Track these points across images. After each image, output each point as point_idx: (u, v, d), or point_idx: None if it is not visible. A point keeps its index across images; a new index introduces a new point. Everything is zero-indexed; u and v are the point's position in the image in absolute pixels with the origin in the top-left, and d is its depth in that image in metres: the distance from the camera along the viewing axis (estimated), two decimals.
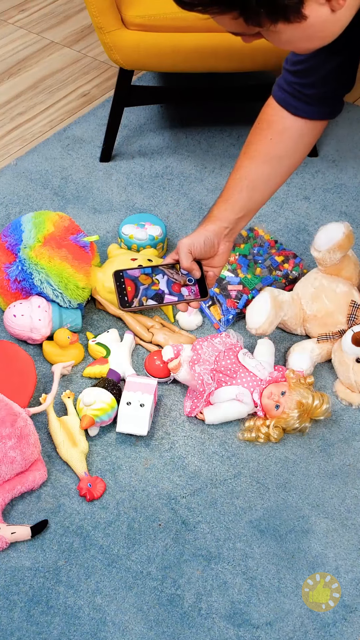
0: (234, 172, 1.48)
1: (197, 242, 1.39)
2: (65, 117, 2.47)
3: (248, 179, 1.46)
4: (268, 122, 1.48)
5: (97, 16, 1.99)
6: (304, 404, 1.60)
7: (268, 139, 1.47)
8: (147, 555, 1.47)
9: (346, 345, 1.70)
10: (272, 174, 1.48)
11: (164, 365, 1.70)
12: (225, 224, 1.44)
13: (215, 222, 1.43)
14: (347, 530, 1.52)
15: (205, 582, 1.44)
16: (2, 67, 2.68)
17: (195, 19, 2.00)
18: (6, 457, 1.49)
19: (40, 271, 1.74)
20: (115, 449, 1.62)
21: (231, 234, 1.46)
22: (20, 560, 1.45)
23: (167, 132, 2.40)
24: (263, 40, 1.19)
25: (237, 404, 1.64)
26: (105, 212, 2.14)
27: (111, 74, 2.65)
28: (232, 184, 1.47)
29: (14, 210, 2.13)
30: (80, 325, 1.81)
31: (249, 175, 1.46)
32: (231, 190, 1.46)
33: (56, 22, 2.91)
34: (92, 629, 1.38)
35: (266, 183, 1.49)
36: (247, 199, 1.46)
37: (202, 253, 1.40)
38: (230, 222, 1.44)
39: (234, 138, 2.38)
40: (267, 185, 1.49)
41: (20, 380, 1.65)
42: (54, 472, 1.58)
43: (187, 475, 1.59)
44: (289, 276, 1.91)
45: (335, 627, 1.39)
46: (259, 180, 1.47)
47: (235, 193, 1.46)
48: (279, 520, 1.53)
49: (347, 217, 2.14)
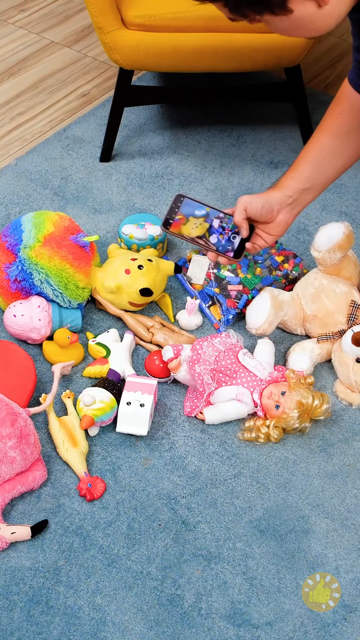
0: (305, 145, 1.52)
1: (255, 202, 1.43)
2: (65, 117, 2.47)
3: (316, 150, 1.50)
4: (340, 98, 1.51)
5: (97, 16, 1.99)
6: (304, 404, 1.60)
7: (337, 114, 1.50)
8: (147, 555, 1.47)
9: (346, 345, 1.70)
10: (340, 148, 1.50)
11: (164, 365, 1.70)
12: (290, 193, 1.47)
13: (280, 189, 1.47)
14: (347, 530, 1.52)
15: (205, 582, 1.44)
16: (2, 67, 2.68)
17: (195, 18, 2.01)
18: (6, 457, 1.49)
19: (40, 271, 1.74)
20: (115, 449, 1.62)
21: (295, 205, 1.49)
22: (20, 560, 1.45)
23: (167, 132, 2.40)
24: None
25: (237, 404, 1.64)
26: (105, 212, 2.14)
27: (111, 74, 2.65)
28: (301, 155, 1.51)
29: (14, 210, 2.13)
30: (80, 325, 1.81)
31: (318, 146, 1.50)
32: (299, 161, 1.50)
33: (56, 22, 2.91)
34: (92, 629, 1.38)
35: (334, 157, 1.51)
36: (314, 171, 1.49)
37: (258, 215, 1.44)
38: (294, 191, 1.47)
39: (234, 138, 2.38)
40: (335, 160, 1.51)
41: (20, 380, 1.65)
42: (54, 472, 1.58)
43: (187, 475, 1.59)
44: (289, 276, 1.91)
45: (335, 627, 1.39)
46: (327, 153, 1.50)
47: (302, 163, 1.50)
48: (279, 520, 1.53)
49: (347, 217, 2.14)
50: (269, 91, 2.33)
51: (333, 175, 1.53)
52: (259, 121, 2.44)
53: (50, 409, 1.64)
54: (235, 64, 2.08)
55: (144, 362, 1.77)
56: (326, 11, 1.10)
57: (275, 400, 1.62)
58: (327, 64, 2.72)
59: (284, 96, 2.25)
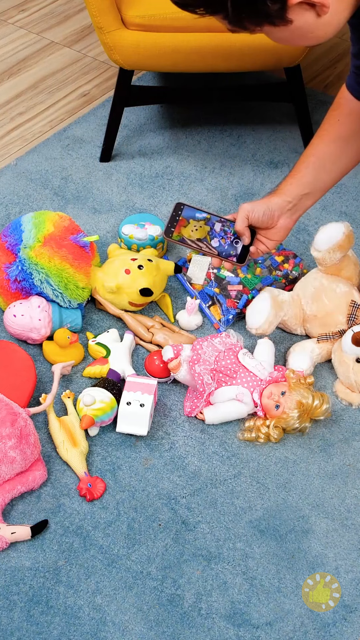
0: (304, 151, 1.52)
1: (257, 209, 1.44)
2: (65, 117, 2.47)
3: (315, 156, 1.50)
4: (338, 104, 1.51)
5: (97, 16, 1.99)
6: (304, 404, 1.60)
7: (336, 120, 1.50)
8: (147, 555, 1.47)
9: (346, 345, 1.70)
10: (339, 154, 1.51)
11: (164, 365, 1.70)
12: (289, 199, 1.48)
13: (280, 195, 1.47)
14: (347, 530, 1.52)
15: (205, 582, 1.44)
16: (2, 67, 2.68)
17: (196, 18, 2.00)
18: (6, 457, 1.49)
19: (40, 271, 1.74)
20: (115, 449, 1.62)
21: (295, 210, 1.49)
22: (20, 560, 1.45)
23: (167, 132, 2.40)
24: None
25: (237, 404, 1.64)
26: (105, 212, 2.14)
27: (111, 74, 2.65)
28: (301, 160, 1.51)
29: (14, 210, 2.13)
30: (80, 325, 1.81)
31: (317, 152, 1.50)
32: (299, 166, 1.50)
33: (56, 22, 2.91)
34: (92, 629, 1.38)
35: (334, 163, 1.51)
36: (314, 177, 1.50)
37: (260, 222, 1.45)
38: (294, 197, 1.48)
39: (234, 138, 2.38)
40: (335, 166, 1.52)
41: (20, 380, 1.65)
42: (54, 472, 1.58)
43: (187, 475, 1.59)
44: (289, 276, 1.91)
45: (335, 627, 1.39)
46: (326, 159, 1.50)
47: (302, 169, 1.50)
48: (279, 520, 1.53)
49: (347, 217, 2.14)
50: (269, 91, 2.32)
51: (333, 180, 1.54)
52: (259, 121, 2.44)
53: (50, 409, 1.64)
54: (235, 64, 2.08)
55: (144, 362, 1.77)
56: (325, 20, 1.10)
57: (275, 400, 1.62)
58: (327, 64, 2.72)
59: (284, 96, 2.25)
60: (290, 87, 2.21)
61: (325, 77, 2.66)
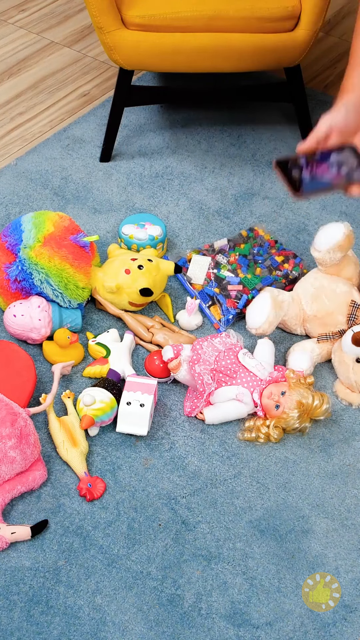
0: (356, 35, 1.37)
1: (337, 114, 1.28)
2: (65, 117, 2.47)
3: None
4: None
5: (97, 16, 1.99)
6: (304, 404, 1.60)
7: None
8: (147, 555, 1.47)
9: (346, 345, 1.70)
10: None
11: (164, 365, 1.70)
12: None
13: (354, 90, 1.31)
14: (347, 530, 1.52)
15: (205, 582, 1.44)
16: (2, 67, 2.68)
17: (196, 18, 2.01)
18: (6, 457, 1.49)
19: (40, 271, 1.74)
20: (115, 449, 1.62)
21: None
22: (20, 560, 1.45)
23: (167, 132, 2.40)
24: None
25: (237, 404, 1.64)
26: (105, 212, 2.14)
27: (111, 74, 2.65)
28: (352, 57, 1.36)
29: (14, 210, 2.13)
30: (80, 325, 1.81)
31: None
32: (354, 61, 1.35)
33: (56, 22, 2.91)
34: (92, 629, 1.38)
35: None
36: None
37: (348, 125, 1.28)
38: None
39: (234, 138, 2.38)
40: None
41: (20, 380, 1.65)
42: (54, 472, 1.58)
43: (187, 475, 1.59)
44: (289, 276, 1.91)
45: (335, 627, 1.39)
46: None
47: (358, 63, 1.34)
48: (279, 520, 1.53)
49: (347, 217, 2.14)
50: (269, 91, 2.33)
51: None
52: (259, 121, 2.44)
53: (50, 409, 1.64)
54: (235, 64, 2.08)
55: (144, 362, 1.77)
56: None
57: (275, 400, 1.62)
58: (327, 64, 2.72)
59: (284, 96, 2.25)
60: (290, 87, 2.21)
61: (325, 77, 2.66)
